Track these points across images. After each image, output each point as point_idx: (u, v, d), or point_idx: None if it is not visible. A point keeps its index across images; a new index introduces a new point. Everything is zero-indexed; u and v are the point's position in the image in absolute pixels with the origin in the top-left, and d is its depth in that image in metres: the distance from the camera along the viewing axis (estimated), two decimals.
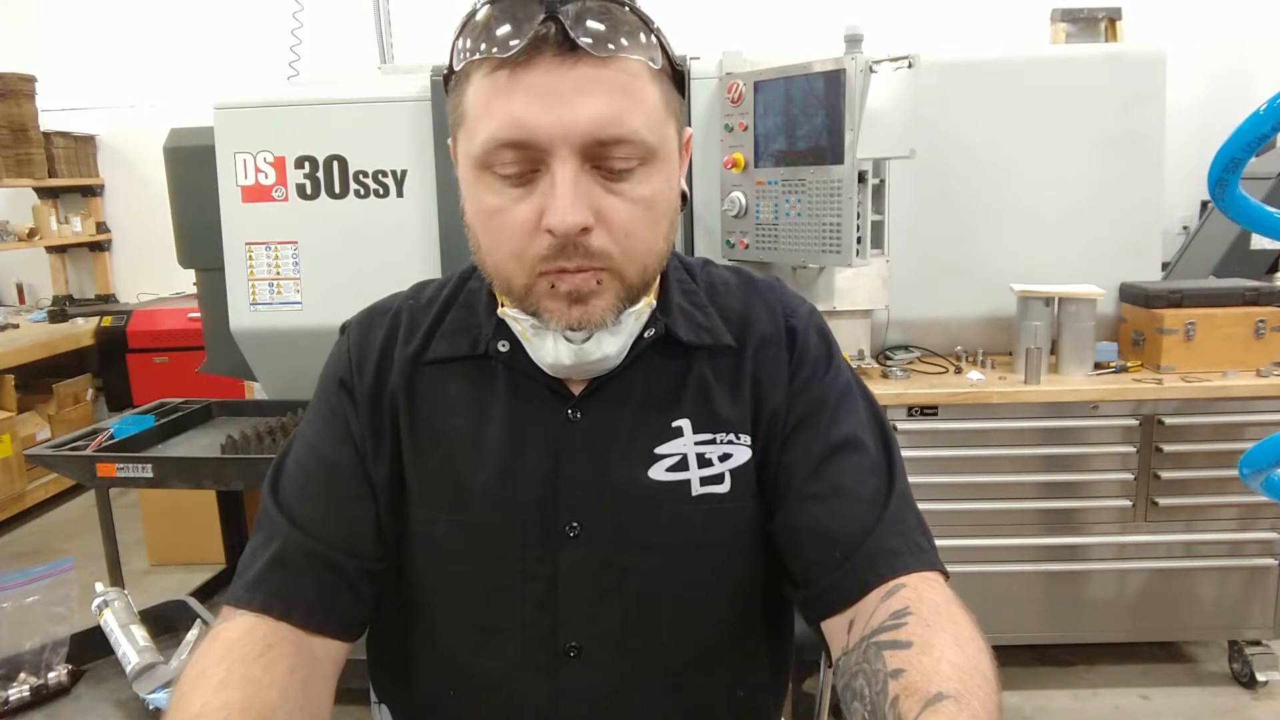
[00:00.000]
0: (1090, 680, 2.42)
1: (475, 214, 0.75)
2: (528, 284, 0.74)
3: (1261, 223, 1.53)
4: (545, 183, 0.70)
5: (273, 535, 0.80)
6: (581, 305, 0.73)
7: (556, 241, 0.70)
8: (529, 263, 0.73)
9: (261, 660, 0.70)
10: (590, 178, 0.71)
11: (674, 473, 0.82)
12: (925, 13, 4.26)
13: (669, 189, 0.77)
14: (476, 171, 0.73)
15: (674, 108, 0.77)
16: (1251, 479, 1.58)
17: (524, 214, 0.71)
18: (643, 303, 0.80)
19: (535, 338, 0.79)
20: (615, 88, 0.70)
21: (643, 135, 0.71)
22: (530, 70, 0.68)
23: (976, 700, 0.59)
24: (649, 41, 0.72)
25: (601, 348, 0.78)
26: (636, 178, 0.72)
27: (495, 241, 0.74)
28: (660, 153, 0.74)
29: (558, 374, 0.82)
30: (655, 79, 0.73)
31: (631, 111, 0.70)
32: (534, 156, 0.70)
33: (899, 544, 0.76)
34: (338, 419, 0.85)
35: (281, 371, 2.60)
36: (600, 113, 0.69)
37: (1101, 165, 2.44)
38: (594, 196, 0.71)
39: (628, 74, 0.70)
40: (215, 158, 2.41)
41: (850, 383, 0.87)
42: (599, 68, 0.69)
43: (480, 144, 0.71)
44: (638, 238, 0.74)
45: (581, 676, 0.82)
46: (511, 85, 0.69)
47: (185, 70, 4.61)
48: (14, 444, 3.72)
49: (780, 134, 2.19)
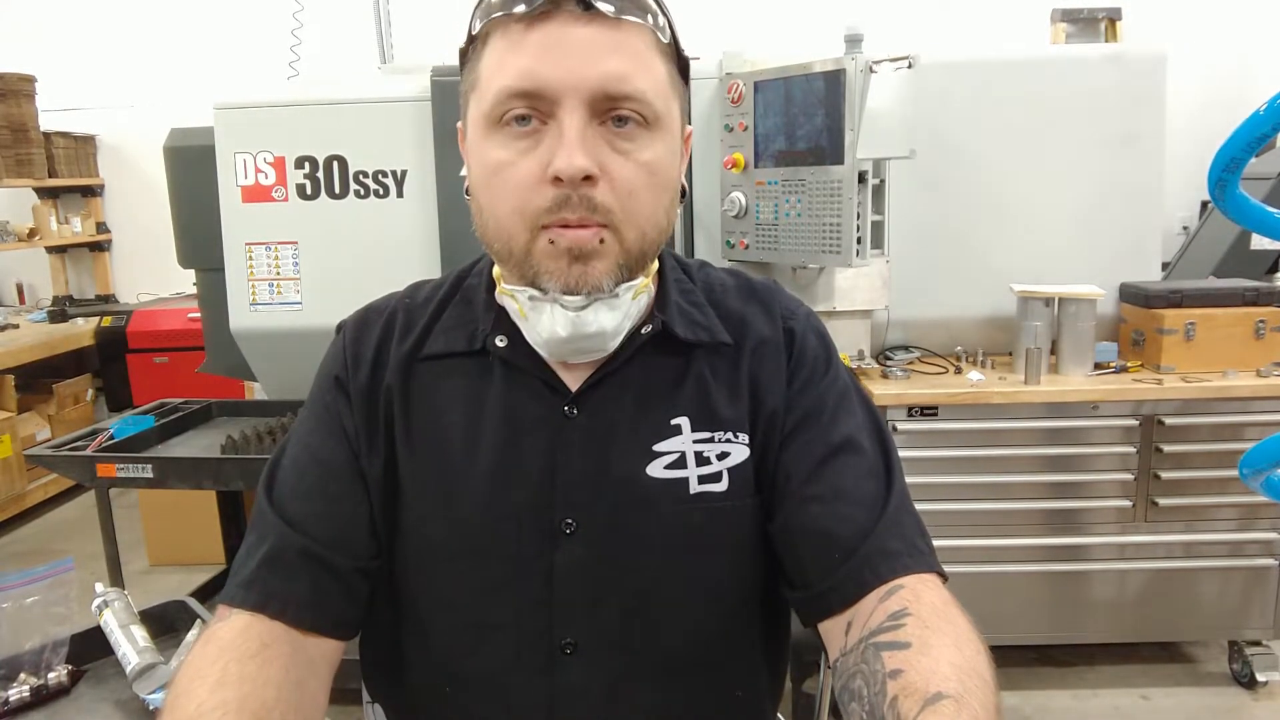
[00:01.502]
0: (1090, 680, 2.42)
1: (480, 173, 0.76)
2: (528, 241, 0.74)
3: (1261, 223, 1.53)
4: (552, 134, 0.72)
5: (266, 534, 0.80)
6: (581, 264, 0.74)
7: (560, 193, 0.71)
8: (531, 215, 0.73)
9: (257, 659, 0.70)
10: (597, 135, 0.72)
11: (672, 470, 0.81)
12: (925, 13, 4.26)
13: (672, 162, 0.78)
14: (486, 129, 0.75)
15: (679, 91, 0.79)
16: (1251, 479, 1.58)
17: (530, 167, 0.72)
18: (640, 281, 0.79)
19: (532, 312, 0.78)
20: (626, 50, 0.73)
21: (649, 98, 0.73)
22: (547, 26, 0.71)
23: (975, 701, 0.59)
24: (659, 20, 0.76)
25: (598, 319, 0.77)
26: (641, 141, 0.74)
27: (499, 197, 0.75)
28: (665, 122, 0.76)
29: (553, 352, 0.81)
30: (663, 54, 0.76)
31: (640, 74, 0.73)
32: (543, 108, 0.72)
33: (897, 546, 0.76)
34: (332, 417, 0.84)
35: (281, 371, 2.60)
36: (611, 69, 0.71)
37: (1101, 165, 2.43)
38: (600, 152, 0.72)
39: (638, 41, 0.74)
40: (215, 158, 2.41)
41: (848, 385, 0.87)
42: (611, 29, 0.72)
43: (491, 98, 0.73)
44: (640, 200, 0.75)
45: (577, 674, 0.82)
46: (525, 40, 0.72)
47: (185, 70, 4.61)
48: (14, 444, 3.72)
49: (780, 134, 2.19)
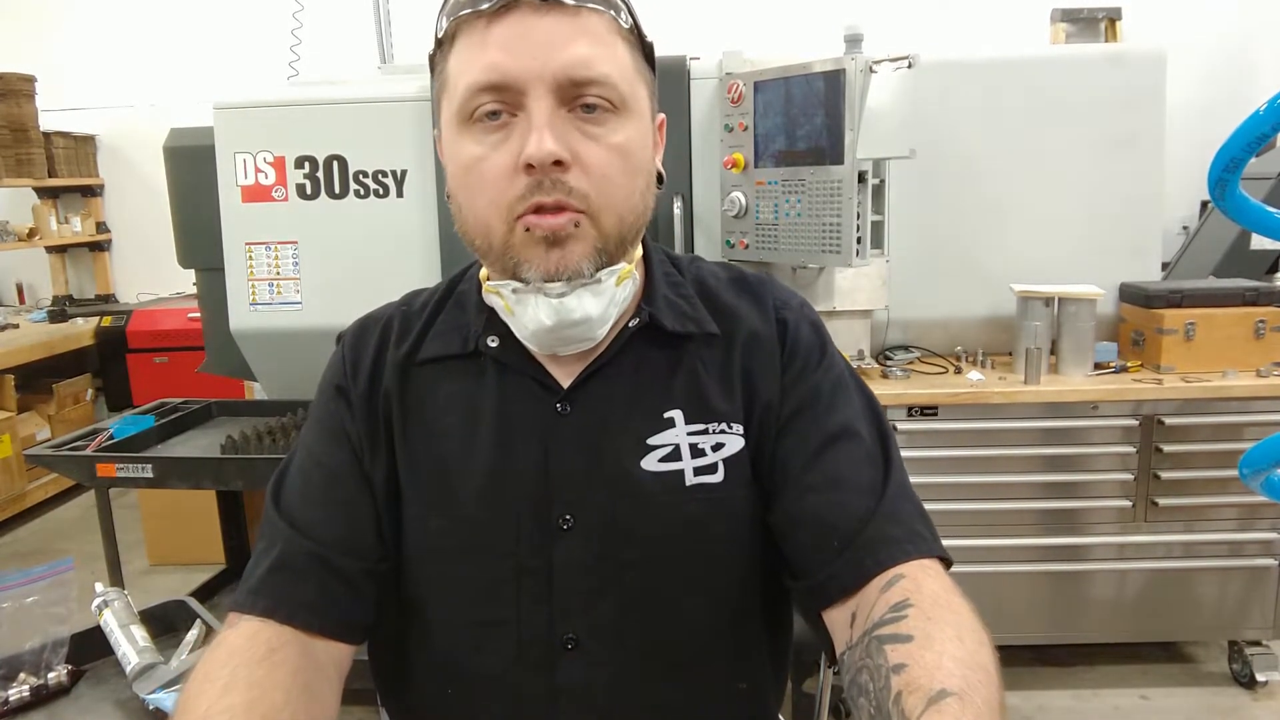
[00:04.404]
0: (1090, 680, 2.42)
1: (456, 173, 0.77)
2: (506, 233, 0.75)
3: (1261, 223, 1.53)
4: (522, 125, 0.73)
5: (274, 541, 0.80)
6: (559, 249, 0.74)
7: (533, 180, 0.72)
8: (506, 206, 0.74)
9: (265, 664, 0.71)
10: (566, 121, 0.73)
11: (667, 463, 0.82)
12: (925, 13, 4.26)
13: (644, 144, 0.79)
14: (458, 127, 0.76)
15: (644, 76, 0.80)
16: (1251, 479, 1.58)
17: (502, 159, 0.73)
18: (623, 267, 0.80)
19: (518, 305, 0.79)
20: (587, 36, 0.74)
21: (615, 80, 0.74)
22: (506, 20, 0.73)
23: (979, 696, 0.59)
24: (617, 6, 0.76)
25: (583, 305, 0.77)
26: (610, 125, 0.75)
27: (475, 192, 0.76)
28: (632, 105, 0.77)
29: (541, 345, 0.82)
30: (624, 39, 0.77)
31: (604, 59, 0.74)
32: (511, 100, 0.73)
33: (897, 532, 0.76)
34: (335, 424, 0.86)
35: (281, 371, 2.60)
36: (574, 56, 0.72)
37: (1101, 165, 2.43)
38: (571, 139, 0.73)
39: (599, 26, 0.75)
40: (215, 158, 2.41)
41: (844, 373, 0.87)
42: (571, 17, 0.73)
43: (460, 95, 0.74)
44: (614, 183, 0.75)
45: (579, 670, 0.82)
46: (488, 36, 0.73)
47: (185, 70, 4.61)
48: (14, 444, 3.72)
49: (780, 134, 2.19)
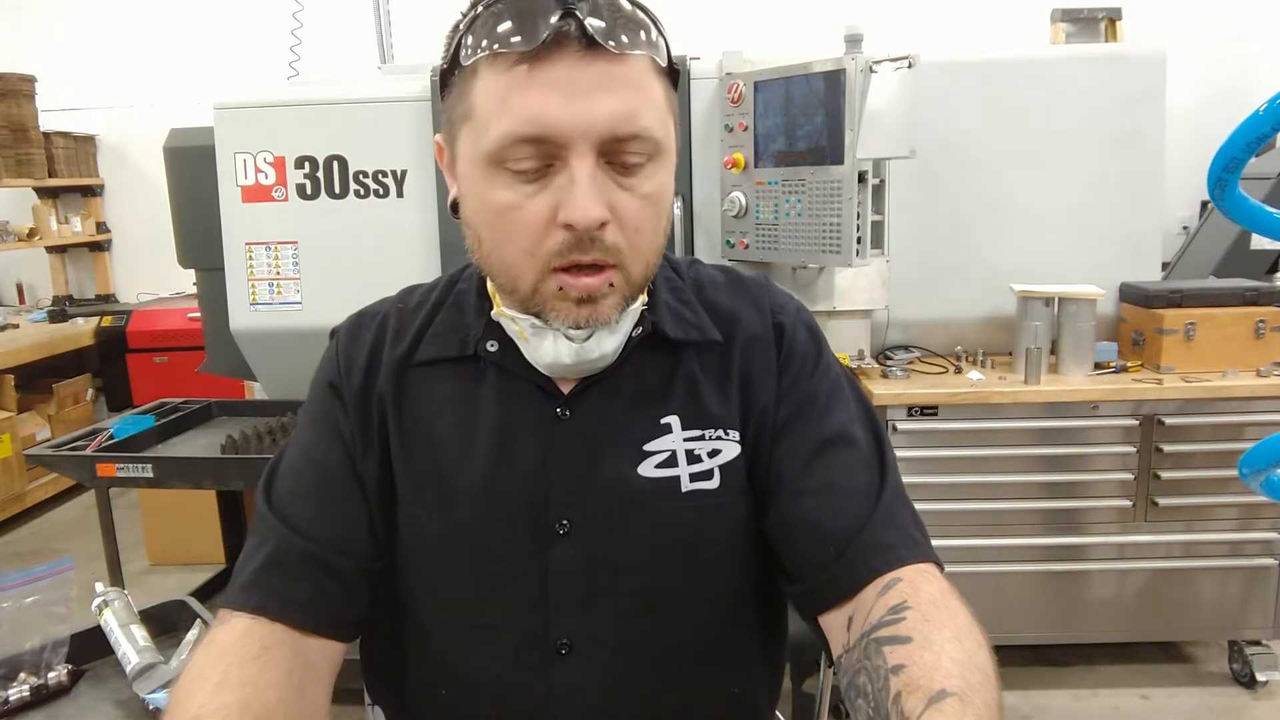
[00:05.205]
0: (1090, 680, 2.42)
1: (481, 211, 0.75)
2: (537, 282, 0.74)
3: (1261, 223, 1.53)
4: (561, 178, 0.71)
5: (266, 537, 0.80)
6: (590, 305, 0.74)
7: (572, 237, 0.71)
8: (542, 259, 0.72)
9: (258, 661, 0.71)
10: (604, 174, 0.71)
11: (663, 469, 0.82)
12: (925, 13, 4.26)
13: (669, 182, 0.78)
14: (487, 168, 0.72)
15: (673, 104, 0.78)
16: (1251, 479, 1.58)
17: (538, 209, 0.71)
18: (639, 301, 0.81)
19: (534, 337, 0.79)
20: (629, 84, 0.70)
21: (654, 131, 0.72)
22: (550, 66, 0.68)
23: (979, 698, 0.59)
24: (656, 39, 0.73)
25: (601, 346, 0.78)
26: (645, 173, 0.73)
27: (505, 238, 0.74)
28: (665, 146, 0.75)
29: (554, 373, 0.82)
30: (660, 75, 0.74)
31: (644, 108, 0.71)
32: (550, 152, 0.70)
33: (893, 537, 0.76)
34: (328, 421, 0.85)
35: (281, 371, 2.60)
36: (618, 109, 0.69)
37: (1101, 165, 2.43)
38: (608, 192, 0.71)
39: (639, 70, 0.71)
40: (215, 158, 2.41)
41: (840, 377, 0.88)
42: (615, 64, 0.69)
43: (494, 139, 0.71)
44: (645, 233, 0.74)
45: (574, 674, 0.82)
46: (530, 80, 0.69)
47: (185, 70, 4.61)
48: (14, 444, 3.72)
49: (780, 134, 2.19)
